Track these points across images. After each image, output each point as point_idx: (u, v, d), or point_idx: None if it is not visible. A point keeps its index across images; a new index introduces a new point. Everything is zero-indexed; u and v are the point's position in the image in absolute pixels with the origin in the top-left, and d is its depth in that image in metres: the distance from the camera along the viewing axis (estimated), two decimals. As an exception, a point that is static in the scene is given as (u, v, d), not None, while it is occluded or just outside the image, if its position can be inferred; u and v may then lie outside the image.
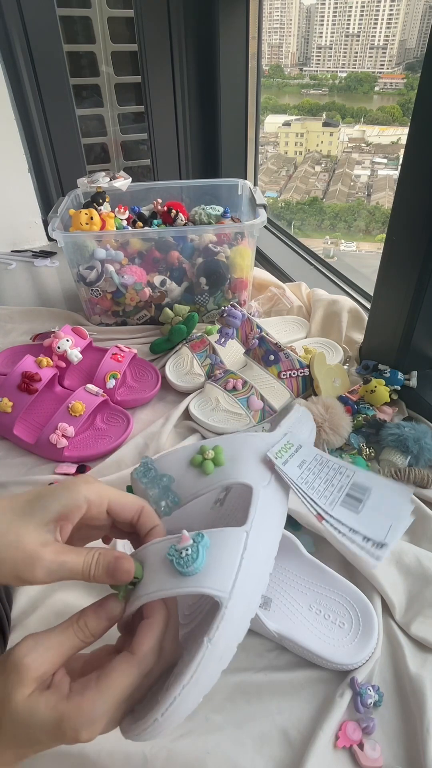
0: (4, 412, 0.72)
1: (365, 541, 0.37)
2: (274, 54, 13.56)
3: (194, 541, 0.32)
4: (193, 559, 0.31)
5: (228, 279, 0.97)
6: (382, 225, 7.39)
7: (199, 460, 0.40)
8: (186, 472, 0.40)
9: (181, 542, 0.32)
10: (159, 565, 0.32)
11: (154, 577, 0.31)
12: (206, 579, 0.31)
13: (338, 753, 0.41)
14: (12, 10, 1.17)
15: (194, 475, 0.39)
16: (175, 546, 0.32)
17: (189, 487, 0.39)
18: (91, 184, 1.05)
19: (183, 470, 0.40)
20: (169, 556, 0.31)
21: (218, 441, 0.42)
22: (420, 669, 0.46)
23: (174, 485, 0.39)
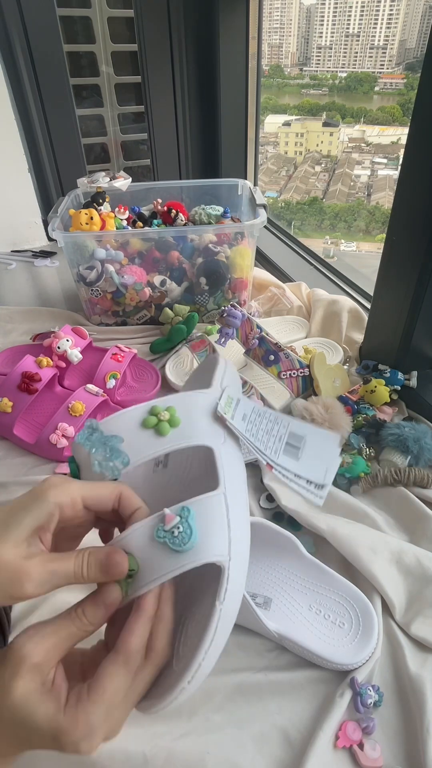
0: (4, 412, 0.72)
1: (309, 485, 0.40)
2: (274, 54, 13.57)
3: (181, 516, 0.31)
4: (187, 535, 0.31)
5: (228, 279, 0.97)
6: (382, 225, 7.40)
7: (154, 422, 0.37)
8: (138, 434, 0.37)
9: (166, 522, 0.31)
10: (150, 549, 0.31)
11: (151, 563, 0.31)
12: (204, 549, 0.31)
13: (338, 753, 0.41)
14: (12, 10, 1.17)
15: (148, 437, 0.37)
16: (163, 527, 0.31)
17: (142, 449, 0.36)
18: (91, 184, 1.05)
19: (134, 432, 0.37)
20: (160, 538, 0.31)
21: (167, 401, 0.39)
22: (420, 669, 0.46)
23: (123, 446, 0.36)
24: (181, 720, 0.43)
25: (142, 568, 0.31)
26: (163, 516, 0.32)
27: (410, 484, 0.64)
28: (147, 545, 0.31)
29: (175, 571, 0.30)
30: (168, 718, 0.43)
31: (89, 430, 0.37)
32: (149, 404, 0.38)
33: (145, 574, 0.31)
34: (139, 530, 0.32)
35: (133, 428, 0.37)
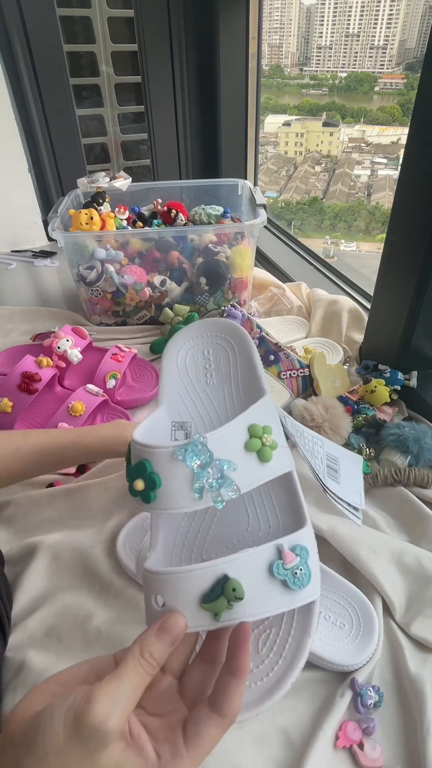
0: (4, 412, 0.72)
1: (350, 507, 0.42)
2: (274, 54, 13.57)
3: (300, 557, 0.32)
4: (307, 576, 0.31)
5: (228, 279, 0.97)
6: (382, 225, 7.39)
7: (257, 445, 0.33)
8: (243, 458, 0.33)
9: (286, 560, 0.31)
10: (263, 583, 0.31)
11: (261, 598, 0.30)
12: (313, 588, 0.32)
13: (338, 753, 0.41)
14: (12, 10, 1.17)
15: (253, 464, 0.33)
16: (282, 564, 0.31)
17: (248, 477, 0.33)
18: (91, 184, 1.05)
19: (239, 456, 0.33)
20: (279, 575, 0.31)
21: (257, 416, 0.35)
22: (420, 669, 0.46)
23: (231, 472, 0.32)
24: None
25: (251, 598, 0.30)
26: (279, 551, 0.31)
27: (410, 484, 0.64)
28: (261, 578, 0.31)
29: (287, 607, 0.31)
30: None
31: (199, 448, 0.32)
32: (246, 421, 0.34)
33: (249, 608, 0.30)
34: (253, 562, 0.31)
35: (237, 451, 0.33)
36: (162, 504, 0.32)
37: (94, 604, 0.52)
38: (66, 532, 0.59)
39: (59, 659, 0.47)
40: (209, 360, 0.44)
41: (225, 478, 0.31)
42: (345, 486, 0.43)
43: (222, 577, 0.30)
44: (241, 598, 0.29)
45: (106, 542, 0.58)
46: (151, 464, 0.32)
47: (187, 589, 0.30)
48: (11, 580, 0.54)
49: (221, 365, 0.44)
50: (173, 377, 0.44)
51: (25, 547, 0.57)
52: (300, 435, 0.42)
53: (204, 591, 0.30)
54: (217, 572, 0.30)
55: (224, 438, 0.33)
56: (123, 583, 0.54)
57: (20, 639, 0.49)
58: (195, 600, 0.30)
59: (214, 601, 0.29)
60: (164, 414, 0.42)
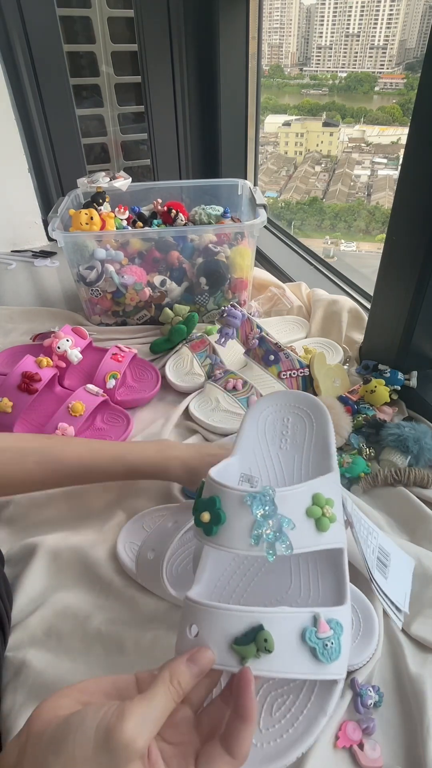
0: (4, 412, 0.72)
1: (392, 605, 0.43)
2: (274, 54, 13.55)
3: (334, 631, 0.32)
4: (336, 652, 0.32)
5: (228, 279, 0.97)
6: (382, 225, 7.39)
7: (318, 513, 0.36)
8: (301, 521, 0.35)
9: (320, 629, 0.32)
10: (294, 645, 0.31)
11: (289, 658, 0.31)
12: (337, 666, 0.32)
13: (338, 753, 0.41)
14: (12, 10, 1.17)
15: (310, 529, 0.35)
16: (316, 633, 0.32)
17: (303, 540, 0.35)
18: (91, 184, 1.05)
19: (300, 518, 0.35)
20: (311, 642, 0.31)
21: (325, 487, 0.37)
22: (420, 669, 0.46)
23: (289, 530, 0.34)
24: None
25: (278, 654, 0.31)
26: (315, 619, 0.32)
27: (410, 484, 0.64)
28: (291, 639, 0.31)
29: (311, 676, 0.31)
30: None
31: (267, 499, 0.34)
32: (313, 488, 0.37)
33: (275, 663, 0.31)
34: (289, 621, 0.32)
35: (299, 513, 0.35)
36: (220, 540, 0.34)
37: (94, 604, 0.52)
38: (66, 532, 0.59)
39: (59, 659, 0.47)
40: (287, 427, 0.47)
41: (282, 533, 0.34)
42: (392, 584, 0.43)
43: (257, 625, 0.31)
44: (270, 651, 0.30)
45: (106, 542, 0.58)
46: (221, 502, 0.35)
47: (223, 626, 0.31)
48: (11, 580, 0.54)
49: (297, 435, 0.47)
50: (251, 434, 0.47)
51: (25, 547, 0.57)
52: (357, 520, 0.43)
53: (238, 633, 0.31)
54: (254, 620, 0.31)
55: (290, 497, 0.35)
56: (123, 583, 0.54)
57: (20, 639, 0.49)
58: (227, 639, 0.31)
59: (245, 645, 0.30)
60: (236, 463, 0.45)
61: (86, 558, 0.56)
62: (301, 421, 0.47)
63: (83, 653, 0.48)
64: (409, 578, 0.45)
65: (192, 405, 0.79)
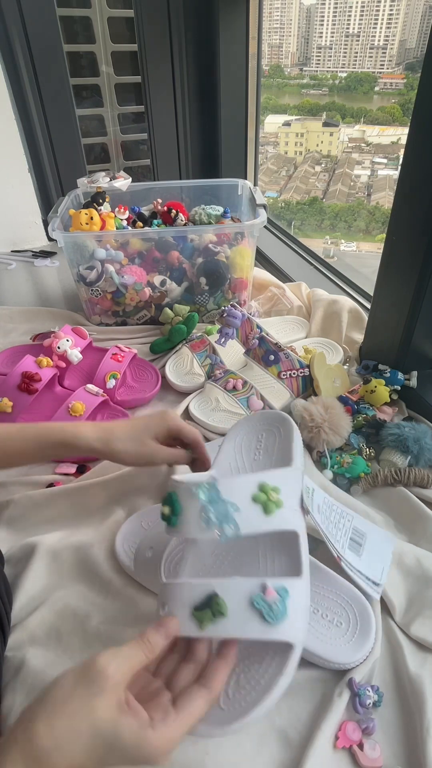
0: (4, 412, 0.72)
1: (368, 581, 0.45)
2: (274, 54, 13.54)
3: (280, 595, 0.36)
4: (281, 613, 0.35)
5: (228, 279, 0.97)
6: (382, 225, 7.38)
7: (264, 498, 0.40)
8: (248, 506, 0.39)
9: (267, 594, 0.36)
10: (244, 608, 0.35)
11: (240, 620, 0.35)
12: (288, 629, 0.35)
13: (338, 753, 0.41)
14: (12, 10, 1.17)
15: (257, 513, 0.39)
16: (263, 596, 0.35)
17: (250, 523, 0.39)
18: (91, 184, 1.05)
19: (245, 503, 0.39)
20: (258, 605, 0.35)
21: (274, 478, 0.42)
22: (420, 669, 0.46)
23: (237, 515, 0.38)
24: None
25: (231, 618, 0.35)
26: (264, 586, 0.36)
27: (410, 484, 0.64)
28: (242, 603, 0.35)
29: (259, 637, 0.35)
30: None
31: (209, 486, 0.39)
32: (260, 477, 0.41)
33: (229, 626, 0.35)
34: (239, 587, 0.36)
35: (244, 499, 0.39)
36: (180, 529, 0.39)
37: (94, 603, 0.52)
38: (65, 532, 0.59)
39: (59, 658, 0.47)
40: (261, 442, 0.53)
41: (228, 516, 0.38)
42: (366, 560, 0.47)
43: (212, 593, 0.36)
44: (223, 614, 0.35)
45: (105, 542, 0.58)
46: (177, 495, 0.40)
47: (184, 597, 0.37)
48: (11, 580, 0.54)
49: (268, 446, 0.52)
50: (229, 452, 0.53)
51: (25, 547, 0.57)
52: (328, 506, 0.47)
53: (196, 602, 0.36)
54: (209, 588, 0.36)
55: (234, 484, 0.41)
56: (122, 582, 0.54)
57: (20, 638, 0.49)
58: (188, 609, 0.36)
59: (201, 610, 0.35)
60: (216, 475, 0.49)
61: (86, 557, 0.56)
62: (272, 435, 0.53)
63: (83, 652, 0.48)
64: (388, 554, 0.48)
65: (192, 405, 0.79)
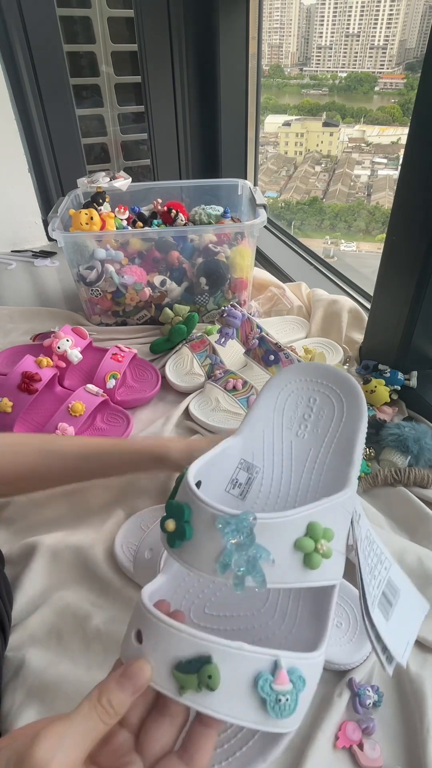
0: (4, 412, 0.72)
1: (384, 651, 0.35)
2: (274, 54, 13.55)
3: (294, 685, 0.27)
4: (290, 710, 0.27)
5: (228, 279, 0.97)
6: (382, 225, 7.39)
7: (310, 548, 0.29)
8: (286, 554, 0.29)
9: (277, 679, 0.26)
10: (243, 690, 0.26)
11: (233, 703, 0.26)
12: (290, 722, 0.27)
13: (338, 753, 0.41)
14: (12, 10, 1.17)
15: (295, 563, 0.29)
16: (271, 683, 0.26)
17: (283, 575, 0.29)
18: (91, 184, 1.05)
19: (285, 551, 0.29)
20: (262, 692, 0.26)
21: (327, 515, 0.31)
22: (420, 669, 0.46)
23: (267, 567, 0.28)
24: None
25: (218, 696, 0.26)
26: (275, 665, 0.27)
27: (410, 484, 0.64)
28: (241, 683, 0.26)
29: (255, 726, 0.26)
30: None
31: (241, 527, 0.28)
32: (310, 517, 0.30)
33: (217, 704, 0.26)
34: (242, 661, 0.27)
35: (284, 546, 0.29)
36: (183, 555, 0.29)
37: (94, 604, 0.52)
38: (65, 532, 0.59)
39: (59, 658, 0.47)
40: (312, 410, 0.39)
41: (256, 568, 0.28)
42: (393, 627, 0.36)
43: (206, 657, 0.26)
44: (212, 689, 0.26)
45: (105, 542, 0.58)
46: (191, 514, 0.29)
47: (169, 646, 0.27)
48: (11, 580, 0.54)
49: (321, 423, 0.38)
50: (266, 410, 0.40)
51: (25, 547, 0.57)
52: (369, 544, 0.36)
53: (182, 658, 0.26)
54: (204, 649, 0.26)
55: (276, 528, 0.29)
56: (122, 582, 0.54)
57: (20, 638, 0.49)
58: (170, 661, 0.27)
59: (186, 674, 0.26)
60: (238, 446, 0.38)
61: (86, 557, 0.56)
62: (331, 406, 0.39)
63: (83, 653, 0.48)
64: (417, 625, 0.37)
65: (192, 405, 0.79)
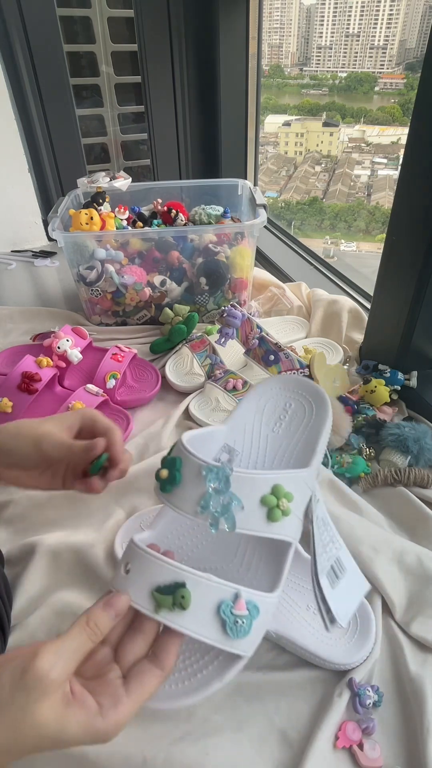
0: (4, 412, 0.72)
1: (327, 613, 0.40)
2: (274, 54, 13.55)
3: (250, 613, 0.34)
4: (245, 631, 0.34)
5: (228, 279, 0.97)
6: (382, 225, 7.38)
7: (273, 503, 0.37)
8: (253, 507, 0.36)
9: (236, 606, 0.34)
10: (208, 611, 0.33)
11: (200, 621, 0.33)
12: (243, 645, 0.34)
13: (338, 753, 0.41)
14: (12, 10, 1.17)
15: (260, 515, 0.36)
16: (231, 608, 0.33)
17: (249, 523, 0.36)
18: (91, 184, 1.05)
19: (252, 503, 0.36)
20: (223, 614, 0.33)
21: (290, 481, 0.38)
22: (420, 669, 0.46)
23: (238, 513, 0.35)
24: (179, 721, 0.43)
25: (188, 615, 0.33)
26: (236, 596, 0.34)
27: (410, 484, 0.64)
28: (207, 606, 0.33)
29: (215, 644, 0.33)
30: (167, 719, 0.43)
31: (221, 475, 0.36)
32: (275, 480, 0.37)
33: (186, 621, 0.33)
34: (211, 589, 0.34)
35: (252, 498, 0.36)
36: (172, 499, 0.36)
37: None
38: (65, 532, 0.59)
39: (59, 659, 0.47)
40: (287, 412, 0.48)
41: (229, 511, 0.35)
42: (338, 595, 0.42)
43: (181, 582, 0.33)
44: (184, 608, 0.32)
45: (105, 542, 0.58)
46: (181, 464, 0.36)
47: (152, 573, 0.34)
48: (11, 580, 0.54)
49: (293, 422, 0.47)
50: (250, 410, 0.48)
51: (25, 547, 0.57)
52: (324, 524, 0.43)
53: (161, 583, 0.33)
54: (180, 577, 0.33)
55: (247, 482, 0.36)
56: (123, 583, 0.54)
57: (20, 638, 0.49)
58: (151, 585, 0.33)
59: (164, 595, 0.33)
60: (224, 432, 0.47)
61: (86, 557, 0.56)
62: (302, 410, 0.48)
63: (83, 653, 0.48)
64: (357, 600, 0.44)
65: (192, 405, 0.79)
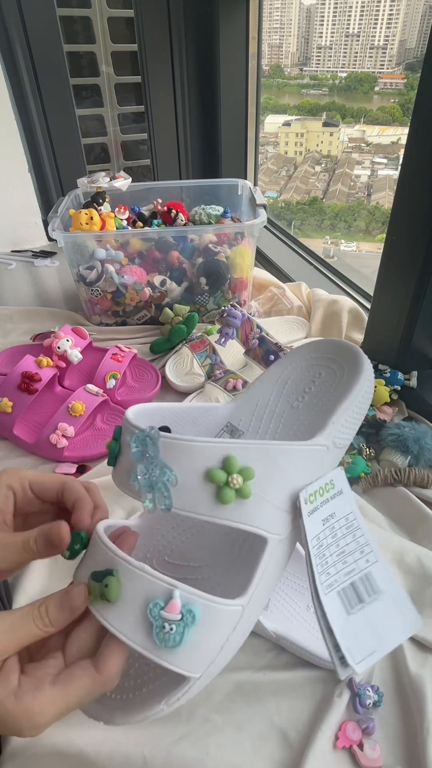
0: (4, 412, 0.72)
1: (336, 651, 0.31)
2: (274, 54, 13.55)
3: (184, 618, 0.27)
4: (175, 642, 0.27)
5: (228, 279, 0.97)
6: (382, 225, 7.39)
7: (222, 480, 0.29)
8: (196, 482, 0.29)
9: (168, 608, 0.27)
10: (135, 609, 0.27)
11: (125, 620, 0.27)
12: (181, 659, 0.28)
13: (338, 753, 0.41)
14: (12, 10, 1.17)
15: (205, 495, 0.29)
16: (162, 607, 0.27)
17: (189, 504, 0.29)
18: (91, 184, 1.05)
19: (194, 479, 0.29)
20: (152, 617, 0.27)
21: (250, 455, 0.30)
22: (420, 669, 0.46)
23: (174, 488, 0.29)
24: (179, 721, 0.43)
25: (118, 612, 0.28)
26: (170, 595, 0.27)
27: (410, 484, 0.64)
28: (135, 603, 0.27)
29: (141, 650, 0.27)
30: (167, 719, 0.43)
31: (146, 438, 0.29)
32: (226, 450, 0.29)
33: (112, 617, 0.28)
34: (141, 582, 0.28)
35: (195, 474, 0.29)
36: (115, 473, 0.32)
37: (94, 604, 0.52)
38: (66, 532, 0.59)
39: (59, 659, 0.47)
40: (314, 382, 0.39)
41: (160, 484, 0.28)
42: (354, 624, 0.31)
43: (110, 569, 0.28)
44: (108, 600, 0.27)
45: (105, 542, 0.58)
46: (120, 432, 0.31)
47: (92, 558, 0.30)
48: (11, 580, 0.54)
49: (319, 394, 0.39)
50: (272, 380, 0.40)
51: (25, 547, 0.57)
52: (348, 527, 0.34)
53: (96, 568, 0.29)
54: (111, 563, 0.28)
55: (182, 450, 0.29)
56: (123, 583, 0.54)
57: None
58: (89, 569, 0.29)
59: (95, 581, 0.28)
60: (227, 411, 0.40)
61: (86, 558, 0.56)
62: (333, 377, 0.39)
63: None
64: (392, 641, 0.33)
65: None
